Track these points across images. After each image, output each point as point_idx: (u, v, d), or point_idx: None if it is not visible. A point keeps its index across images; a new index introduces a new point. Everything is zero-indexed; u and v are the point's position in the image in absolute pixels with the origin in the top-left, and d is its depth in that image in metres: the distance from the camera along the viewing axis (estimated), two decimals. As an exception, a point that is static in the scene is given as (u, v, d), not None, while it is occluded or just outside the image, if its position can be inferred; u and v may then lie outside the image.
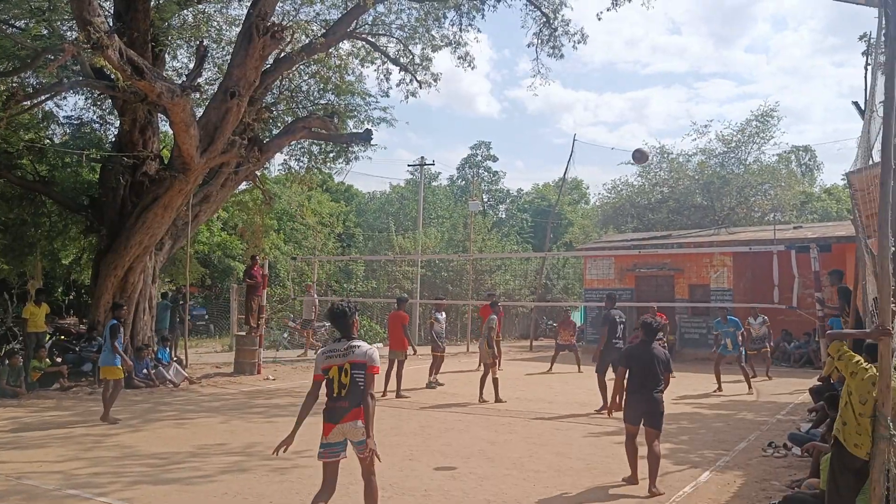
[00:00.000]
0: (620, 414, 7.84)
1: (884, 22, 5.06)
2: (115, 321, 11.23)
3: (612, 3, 17.28)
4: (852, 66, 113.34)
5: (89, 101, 18.35)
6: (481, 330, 14.97)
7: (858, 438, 4.88)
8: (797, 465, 8.34)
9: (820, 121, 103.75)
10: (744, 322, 15.98)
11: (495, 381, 13.26)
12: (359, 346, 5.45)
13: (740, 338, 15.06)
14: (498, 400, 13.10)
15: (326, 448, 5.37)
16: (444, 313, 16.44)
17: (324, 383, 5.44)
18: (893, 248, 4.90)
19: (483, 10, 18.45)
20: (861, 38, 20.44)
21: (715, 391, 14.62)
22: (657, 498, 7.01)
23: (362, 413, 5.35)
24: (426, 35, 18.64)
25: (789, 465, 8.34)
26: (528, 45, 20.35)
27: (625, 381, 7.64)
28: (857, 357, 5.15)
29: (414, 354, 14.76)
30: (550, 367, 18.53)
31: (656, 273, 23.60)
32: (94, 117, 18.82)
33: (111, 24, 14.01)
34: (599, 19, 22.39)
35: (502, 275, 33.92)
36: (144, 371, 14.89)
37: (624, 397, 7.70)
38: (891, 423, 4.55)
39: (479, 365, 15.37)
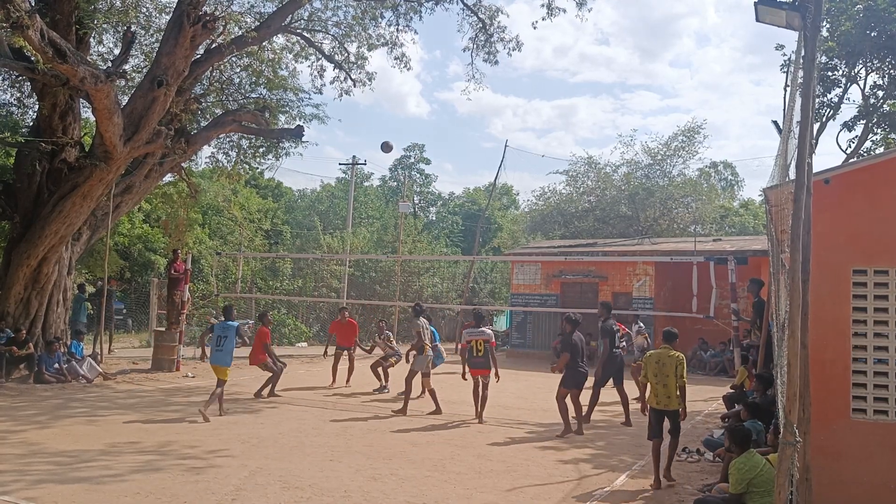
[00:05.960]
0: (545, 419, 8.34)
1: (803, 45, 5.26)
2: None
3: (547, 13, 17.55)
4: (769, 85, 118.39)
5: (7, 82, 17.56)
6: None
7: (654, 399, 7.89)
8: (709, 469, 8.62)
9: (737, 136, 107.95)
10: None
11: (432, 391, 12.32)
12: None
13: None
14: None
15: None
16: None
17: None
18: None
19: (421, 11, 18.46)
20: (777, 48, 21.28)
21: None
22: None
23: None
24: (362, 34, 18.53)
25: (701, 470, 8.60)
26: (464, 50, 20.53)
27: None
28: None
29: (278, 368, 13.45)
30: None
31: (581, 280, 24.01)
32: (12, 99, 18.03)
33: (33, 3, 13.47)
34: (535, 28, 22.64)
35: (430, 277, 34.00)
36: (56, 365, 14.38)
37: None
38: (796, 430, 4.74)
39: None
